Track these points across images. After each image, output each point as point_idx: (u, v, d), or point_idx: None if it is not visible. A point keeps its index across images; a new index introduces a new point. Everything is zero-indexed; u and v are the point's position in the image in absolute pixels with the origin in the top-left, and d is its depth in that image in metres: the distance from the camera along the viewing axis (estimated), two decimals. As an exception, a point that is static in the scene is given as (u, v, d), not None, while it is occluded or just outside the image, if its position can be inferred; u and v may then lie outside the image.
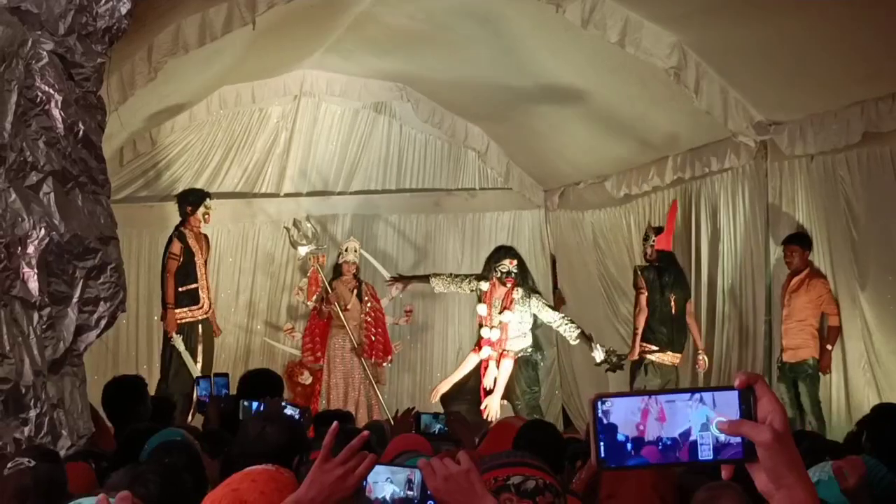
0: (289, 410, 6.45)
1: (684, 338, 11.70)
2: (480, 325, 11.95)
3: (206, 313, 12.24)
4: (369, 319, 13.06)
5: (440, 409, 10.73)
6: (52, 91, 5.61)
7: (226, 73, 12.72)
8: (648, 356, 11.66)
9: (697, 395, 1.77)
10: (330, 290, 12.82)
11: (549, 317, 11.88)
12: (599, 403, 1.77)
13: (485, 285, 11.88)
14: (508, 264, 11.71)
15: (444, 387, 11.99)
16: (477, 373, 11.79)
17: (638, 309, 11.74)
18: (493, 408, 11.43)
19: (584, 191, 14.63)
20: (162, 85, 10.65)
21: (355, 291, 13.05)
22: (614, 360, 11.64)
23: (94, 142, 5.98)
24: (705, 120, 11.14)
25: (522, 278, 11.81)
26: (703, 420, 1.75)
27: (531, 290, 11.88)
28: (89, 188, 5.93)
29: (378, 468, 2.84)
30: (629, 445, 1.75)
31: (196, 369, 11.80)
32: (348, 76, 14.26)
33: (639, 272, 11.83)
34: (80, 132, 5.82)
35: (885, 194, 9.79)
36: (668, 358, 11.59)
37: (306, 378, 13.01)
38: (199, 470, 4.69)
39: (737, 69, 10.47)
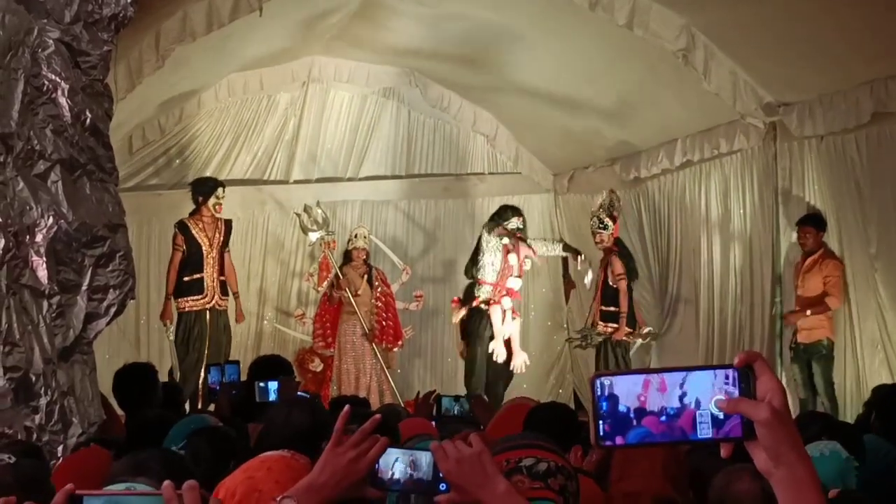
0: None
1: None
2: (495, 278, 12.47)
3: (208, 303, 12.18)
4: (380, 305, 13.07)
5: (461, 392, 10.78)
6: (58, 79, 5.61)
7: (234, 60, 12.72)
8: (637, 338, 12.55)
9: (697, 373, 1.76)
10: (340, 276, 12.82)
11: (545, 249, 13.03)
12: (598, 382, 1.77)
13: (506, 239, 12.33)
14: (517, 221, 12.37)
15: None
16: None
17: (622, 294, 12.35)
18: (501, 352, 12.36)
19: (593, 174, 14.60)
20: (170, 73, 10.66)
21: (366, 277, 13.04)
22: (589, 338, 12.55)
23: (101, 130, 5.98)
24: (714, 102, 11.09)
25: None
26: (704, 395, 1.74)
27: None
28: (97, 176, 5.93)
29: (390, 450, 2.83)
30: (632, 415, 1.74)
31: (176, 363, 11.98)
32: (356, 62, 14.27)
33: (619, 260, 12.41)
34: (88, 120, 5.82)
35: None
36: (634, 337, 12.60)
37: (317, 365, 13.02)
38: (230, 456, 4.70)
39: (745, 50, 10.43)
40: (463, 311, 12.61)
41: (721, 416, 1.73)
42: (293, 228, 14.07)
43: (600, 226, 12.34)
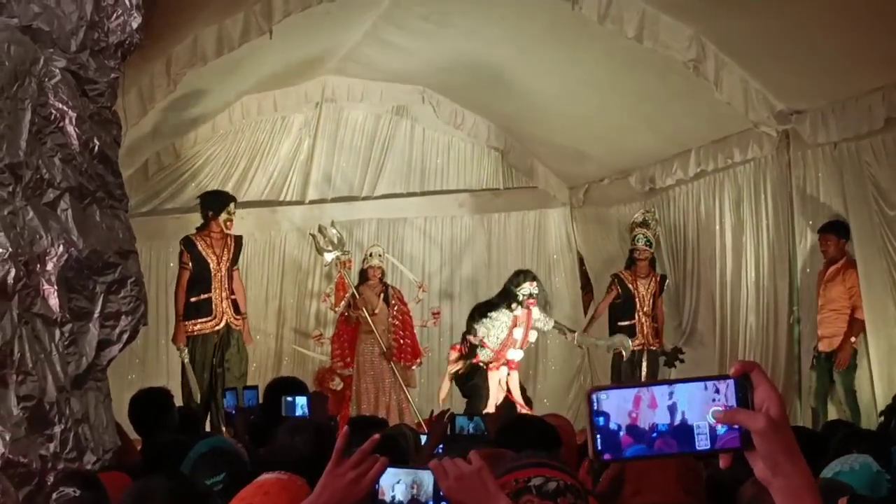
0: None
1: None
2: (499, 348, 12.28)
3: (218, 324, 11.74)
4: (397, 323, 13.05)
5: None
6: (65, 108, 5.63)
7: (246, 82, 12.77)
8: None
9: (694, 384, 1.76)
10: (357, 296, 12.82)
11: (547, 324, 12.67)
12: (595, 396, 1.77)
13: (519, 310, 12.20)
14: (529, 286, 12.19)
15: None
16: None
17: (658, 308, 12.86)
18: None
19: (608, 187, 14.61)
20: (183, 97, 10.71)
21: (382, 296, 13.02)
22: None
23: (109, 157, 6.00)
24: (726, 111, 11.10)
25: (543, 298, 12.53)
26: (696, 410, 1.74)
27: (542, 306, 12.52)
28: (107, 203, 5.95)
29: (390, 470, 2.83)
30: (621, 434, 1.75)
31: (196, 386, 11.54)
32: (369, 81, 14.32)
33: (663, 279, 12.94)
34: (96, 148, 5.83)
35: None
36: None
37: (337, 384, 12.98)
38: (247, 477, 4.70)
39: (756, 59, 10.42)
40: (460, 366, 12.49)
41: (719, 426, 1.73)
42: (310, 249, 14.07)
43: (646, 243, 12.73)
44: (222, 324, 11.75)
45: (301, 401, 6.84)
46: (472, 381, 12.42)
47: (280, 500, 3.67)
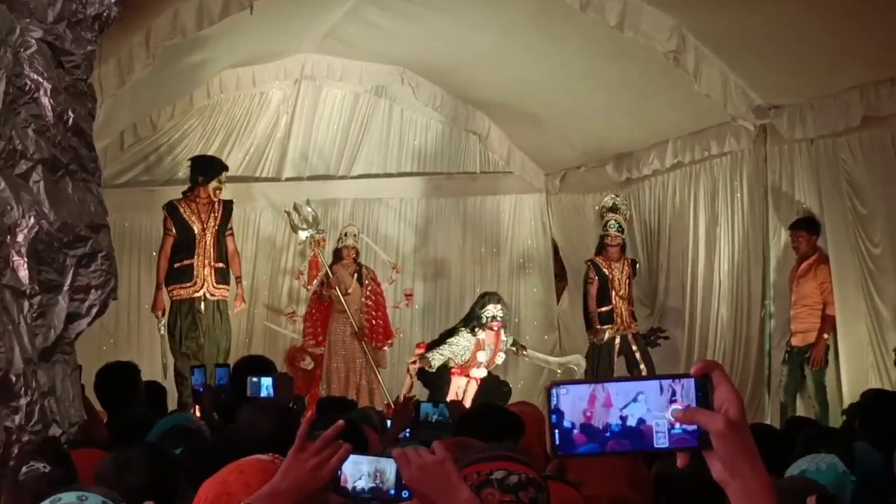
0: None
1: None
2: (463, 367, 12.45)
3: (198, 291, 11.63)
4: (370, 303, 13.04)
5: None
6: (41, 79, 5.59)
7: (226, 57, 12.70)
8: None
9: (654, 382, 1.76)
10: (330, 275, 12.80)
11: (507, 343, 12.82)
12: (554, 391, 1.77)
13: (482, 333, 12.37)
14: (493, 308, 12.33)
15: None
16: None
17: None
18: None
19: (585, 174, 14.62)
20: (162, 69, 10.64)
21: (356, 275, 13.01)
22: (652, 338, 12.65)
23: (84, 129, 5.96)
24: (705, 104, 11.12)
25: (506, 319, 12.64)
26: (651, 411, 1.75)
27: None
28: (79, 176, 5.91)
29: (353, 457, 2.83)
30: (575, 432, 1.75)
31: (170, 359, 11.54)
32: (348, 60, 14.26)
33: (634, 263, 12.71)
34: (70, 120, 5.80)
35: (888, 178, 9.79)
36: None
37: (308, 363, 12.97)
38: (205, 455, 4.69)
39: (736, 53, 10.44)
40: (419, 365, 12.46)
41: (677, 425, 1.73)
42: (284, 226, 14.01)
43: (619, 228, 12.51)
44: (202, 291, 11.63)
45: (266, 381, 6.83)
46: (431, 373, 12.45)
47: (254, 479, 3.66)
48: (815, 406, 10.15)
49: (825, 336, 10.24)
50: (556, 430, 1.76)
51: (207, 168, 11.94)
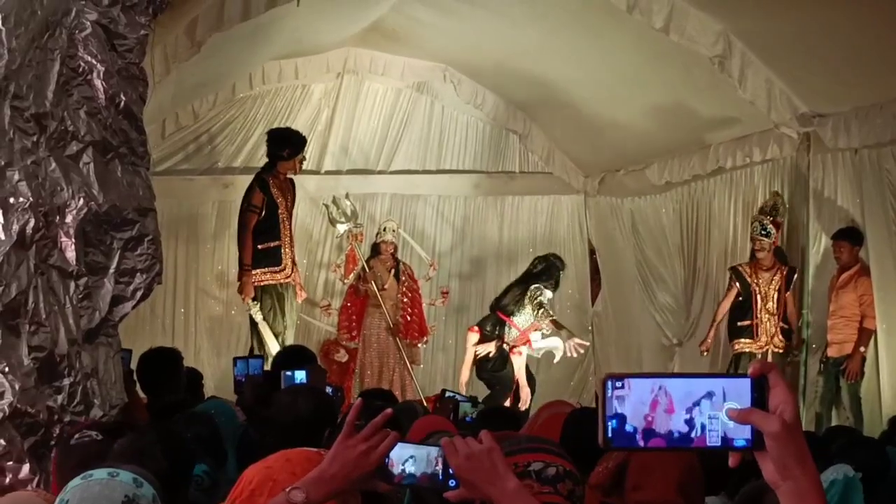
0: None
1: None
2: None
3: (287, 277, 11.32)
4: (406, 300, 13.05)
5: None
6: (94, 61, 5.61)
7: (270, 48, 12.74)
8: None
9: (710, 381, 1.77)
10: (367, 269, 12.81)
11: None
12: (609, 383, 1.78)
13: (550, 293, 12.35)
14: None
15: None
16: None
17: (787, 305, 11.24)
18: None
19: (624, 177, 14.58)
20: (205, 59, 10.68)
21: (393, 271, 13.03)
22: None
23: (135, 113, 5.98)
24: (749, 110, 11.09)
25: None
26: (712, 409, 1.75)
27: None
28: (129, 159, 5.93)
29: (401, 445, 2.84)
30: (639, 437, 1.76)
31: (275, 344, 10.91)
32: (391, 55, 14.27)
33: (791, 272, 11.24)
34: (122, 103, 5.81)
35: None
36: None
37: (342, 356, 12.98)
38: (217, 442, 4.73)
39: (782, 59, 10.41)
40: (491, 348, 12.25)
41: (731, 425, 1.74)
42: (322, 219, 14.02)
43: (762, 232, 11.07)
44: (293, 275, 11.31)
45: (300, 374, 6.86)
46: (495, 369, 12.30)
47: (300, 468, 3.67)
48: (849, 418, 10.09)
49: (862, 349, 10.17)
50: (610, 425, 1.77)
51: (294, 140, 11.59)
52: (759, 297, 11.10)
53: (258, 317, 11.10)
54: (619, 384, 1.77)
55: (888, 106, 9.84)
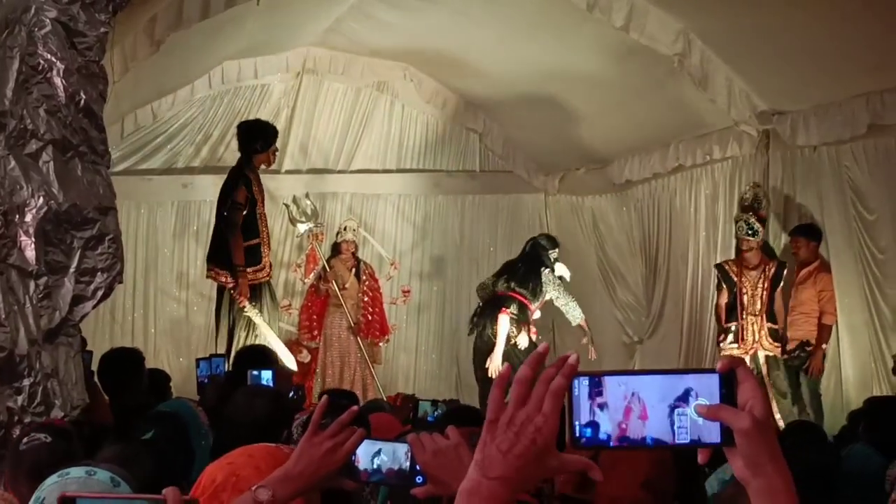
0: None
1: None
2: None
3: (267, 275, 11.25)
4: (367, 299, 13.05)
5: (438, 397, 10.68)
6: (54, 59, 5.58)
7: (228, 47, 12.68)
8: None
9: (680, 378, 1.75)
10: (328, 269, 12.79)
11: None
12: (576, 381, 1.76)
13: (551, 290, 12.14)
14: (555, 252, 12.31)
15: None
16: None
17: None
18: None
19: (584, 176, 14.61)
20: (164, 57, 10.62)
21: (353, 270, 13.02)
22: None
23: (95, 111, 5.95)
24: (708, 108, 11.12)
25: None
26: (679, 403, 1.73)
27: None
28: (89, 158, 5.90)
29: (367, 442, 2.84)
30: (612, 444, 1.74)
31: (279, 343, 10.80)
32: (351, 55, 14.22)
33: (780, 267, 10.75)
34: (82, 101, 5.79)
35: (892, 186, 9.81)
36: None
37: (305, 356, 12.91)
38: (185, 441, 4.70)
39: (742, 58, 10.44)
40: (525, 338, 11.82)
41: (700, 421, 1.72)
42: (282, 219, 13.96)
43: (748, 231, 10.60)
44: (270, 274, 11.15)
45: (266, 374, 6.85)
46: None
47: (263, 462, 3.66)
48: (809, 413, 10.14)
49: (823, 346, 10.22)
50: (577, 422, 1.75)
51: (266, 132, 11.39)
52: (744, 297, 10.76)
53: (258, 318, 10.86)
54: (596, 389, 1.75)
55: (847, 103, 9.90)
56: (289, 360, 11.10)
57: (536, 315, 12.24)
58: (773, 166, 11.11)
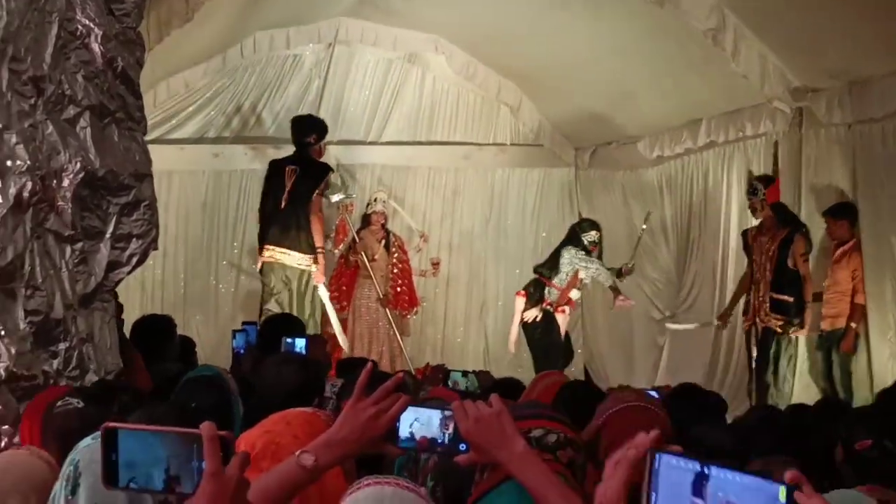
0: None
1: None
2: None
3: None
4: (396, 271, 13.08)
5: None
6: (92, 25, 5.59)
7: (262, 17, 12.67)
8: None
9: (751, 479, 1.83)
10: (357, 240, 12.80)
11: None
12: (658, 458, 1.92)
13: (583, 254, 12.34)
14: (594, 235, 12.35)
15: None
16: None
17: (806, 280, 10.51)
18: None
19: (615, 150, 14.55)
20: (197, 27, 10.62)
21: (383, 242, 13.05)
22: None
23: (132, 78, 5.96)
24: (741, 84, 11.05)
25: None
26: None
27: None
28: (126, 124, 5.91)
29: (411, 409, 2.82)
30: None
31: (336, 321, 11.92)
32: (383, 26, 14.18)
33: (802, 237, 10.55)
34: (119, 67, 5.80)
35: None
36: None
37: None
38: (227, 408, 4.70)
39: (776, 34, 10.36)
40: (536, 313, 12.37)
41: None
42: (313, 189, 13.98)
43: (749, 191, 10.85)
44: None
45: (300, 342, 6.88)
46: (544, 333, 12.40)
47: (301, 430, 3.67)
48: (840, 392, 10.11)
49: (853, 325, 10.17)
50: (654, 493, 1.89)
51: (319, 127, 12.45)
52: (754, 266, 10.80)
53: (325, 296, 11.91)
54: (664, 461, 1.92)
55: (882, 81, 9.80)
56: (342, 339, 12.02)
57: (573, 294, 12.49)
58: (807, 144, 11.02)
